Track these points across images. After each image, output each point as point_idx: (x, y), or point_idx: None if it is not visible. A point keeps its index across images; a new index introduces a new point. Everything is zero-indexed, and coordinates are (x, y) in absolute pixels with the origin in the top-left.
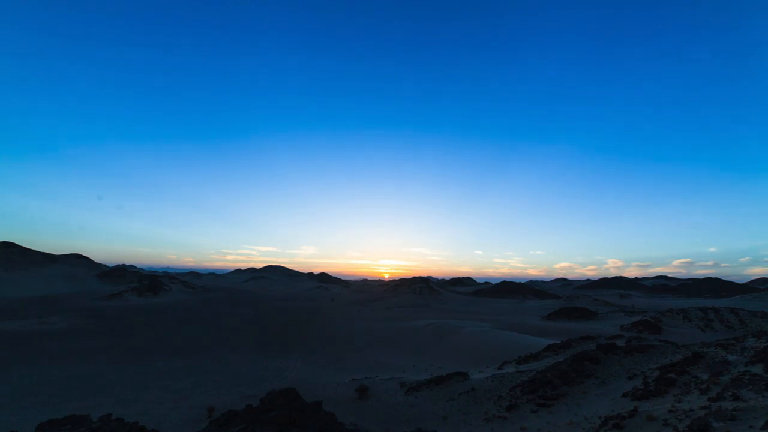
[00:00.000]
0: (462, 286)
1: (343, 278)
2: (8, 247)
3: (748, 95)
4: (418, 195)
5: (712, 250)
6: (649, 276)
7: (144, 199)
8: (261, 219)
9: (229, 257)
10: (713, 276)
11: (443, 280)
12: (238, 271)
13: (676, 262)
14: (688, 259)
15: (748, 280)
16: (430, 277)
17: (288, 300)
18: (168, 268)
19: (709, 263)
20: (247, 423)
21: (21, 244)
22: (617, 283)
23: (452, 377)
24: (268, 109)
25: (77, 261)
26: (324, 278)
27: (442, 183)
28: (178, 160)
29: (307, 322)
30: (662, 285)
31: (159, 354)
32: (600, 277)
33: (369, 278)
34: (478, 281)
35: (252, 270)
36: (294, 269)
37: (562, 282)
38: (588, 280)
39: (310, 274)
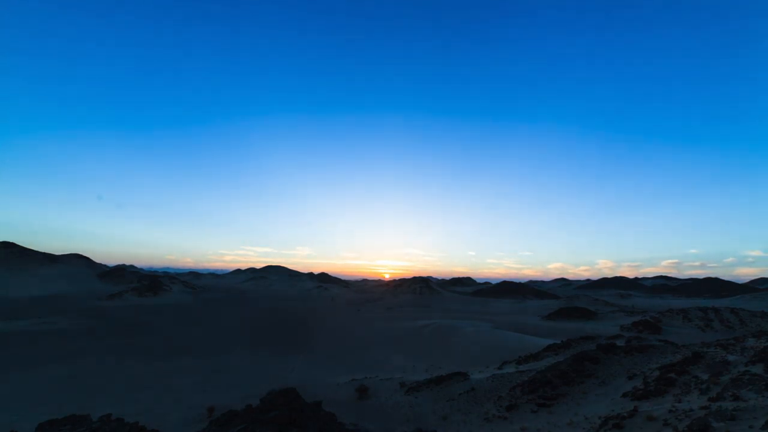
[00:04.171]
0: (462, 287)
1: (342, 278)
2: (8, 247)
3: (722, 95)
4: (413, 195)
5: (693, 251)
6: (647, 276)
7: (143, 199)
8: (257, 220)
9: (227, 258)
10: (711, 276)
11: (443, 280)
12: (238, 271)
13: (665, 263)
14: (676, 260)
15: (748, 281)
16: (430, 277)
17: (288, 300)
18: (168, 268)
19: (696, 263)
20: (247, 423)
21: (21, 244)
22: (617, 283)
23: (452, 377)
24: (263, 111)
25: (77, 261)
26: (324, 278)
27: (436, 183)
28: (175, 160)
29: (307, 322)
30: (662, 285)
31: (159, 354)
32: (600, 277)
33: (369, 278)
34: (478, 281)
35: (252, 270)
36: (293, 269)
37: (562, 282)
38: (588, 280)
39: (310, 274)
